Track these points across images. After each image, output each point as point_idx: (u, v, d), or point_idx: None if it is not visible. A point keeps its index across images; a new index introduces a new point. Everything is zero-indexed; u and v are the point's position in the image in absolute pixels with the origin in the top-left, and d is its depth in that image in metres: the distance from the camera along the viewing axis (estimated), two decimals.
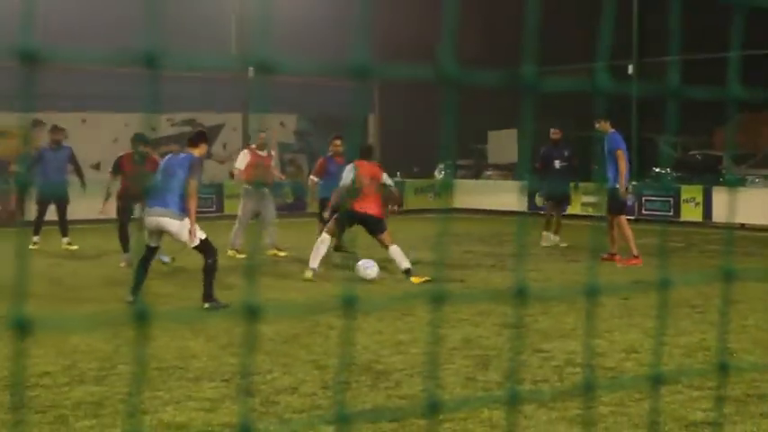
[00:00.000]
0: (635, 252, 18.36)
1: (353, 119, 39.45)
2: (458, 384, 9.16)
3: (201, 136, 14.58)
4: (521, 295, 1.60)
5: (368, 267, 16.95)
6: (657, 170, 39.30)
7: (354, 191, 16.51)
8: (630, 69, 36.59)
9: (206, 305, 12.94)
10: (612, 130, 19.22)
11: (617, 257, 18.57)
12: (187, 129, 36.22)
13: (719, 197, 29.25)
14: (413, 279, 15.99)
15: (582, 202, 30.97)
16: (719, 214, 28.88)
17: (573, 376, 9.49)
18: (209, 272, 13.13)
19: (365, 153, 17.80)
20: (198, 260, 13.61)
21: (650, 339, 11.19)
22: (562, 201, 23.27)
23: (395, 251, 16.38)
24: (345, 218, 16.66)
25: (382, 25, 36.50)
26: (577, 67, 33.68)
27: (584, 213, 30.48)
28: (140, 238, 15.28)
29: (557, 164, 22.97)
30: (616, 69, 36.29)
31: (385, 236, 16.59)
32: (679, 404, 8.31)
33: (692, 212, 29.97)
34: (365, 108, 40.62)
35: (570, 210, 25.70)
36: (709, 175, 35.51)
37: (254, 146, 21.16)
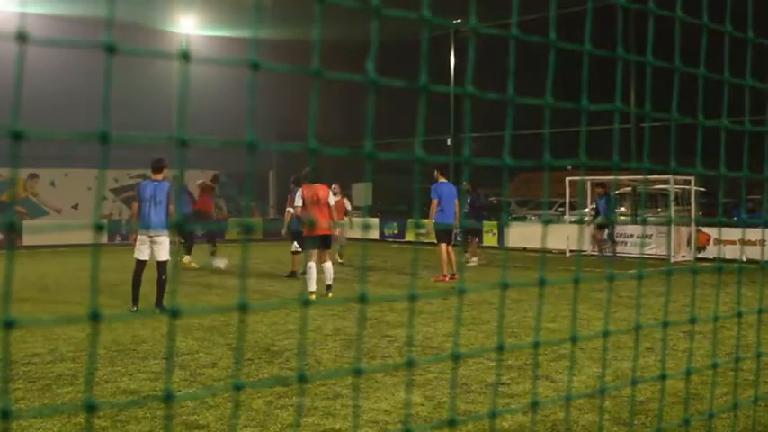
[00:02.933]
0: (444, 271, 17.91)
1: (257, 174, 39.26)
2: (329, 360, 9.13)
3: (161, 162, 13.17)
4: (363, 301, 1.59)
5: (217, 262, 17.30)
6: (465, 210, 39.96)
7: (310, 220, 14.87)
8: (449, 141, 37.21)
9: (158, 309, 12.47)
10: (441, 181, 18.45)
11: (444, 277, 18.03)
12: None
13: (510, 230, 29.77)
14: (330, 294, 14.33)
15: (416, 233, 31.26)
16: (510, 240, 29.39)
17: (410, 353, 9.54)
18: (164, 284, 12.78)
19: (307, 177, 15.03)
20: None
21: (463, 327, 11.31)
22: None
23: (328, 267, 14.47)
24: (310, 242, 15.24)
25: (278, 110, 36.49)
26: (408, 140, 34.26)
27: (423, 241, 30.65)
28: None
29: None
30: (439, 142, 36.88)
31: (330, 253, 14.94)
32: (481, 371, 8.41)
33: (490, 240, 30.42)
34: (267, 165, 40.50)
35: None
36: (501, 214, 36.12)
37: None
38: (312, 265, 14.06)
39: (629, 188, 30.59)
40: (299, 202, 14.93)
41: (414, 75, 1.70)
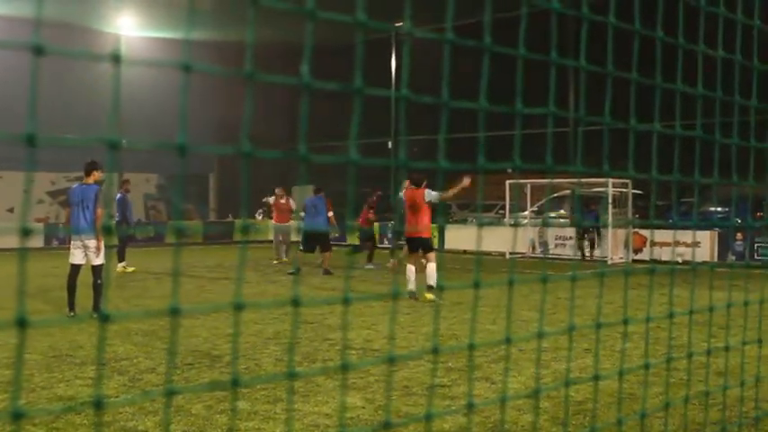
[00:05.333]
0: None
1: (197, 178, 38.98)
2: (270, 364, 9.09)
3: (92, 165, 12.82)
4: (295, 304, 1.58)
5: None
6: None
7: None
8: (390, 144, 37.29)
9: (95, 314, 12.20)
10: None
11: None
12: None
13: (450, 232, 29.96)
14: (428, 295, 14.14)
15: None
16: (450, 243, 29.56)
17: (351, 356, 9.54)
18: (99, 288, 12.52)
19: (413, 180, 14.92)
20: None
21: (403, 330, 11.34)
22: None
23: (431, 268, 14.18)
24: (409, 245, 15.46)
25: (217, 112, 36.22)
26: (342, 143, 34.34)
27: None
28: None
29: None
30: (380, 145, 36.95)
31: (430, 255, 14.56)
32: (422, 373, 8.43)
33: (433, 242, 30.53)
34: (207, 168, 40.22)
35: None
36: (443, 216, 36.27)
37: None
38: (412, 267, 14.50)
39: (569, 191, 30.92)
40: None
41: (363, 77, 1.70)
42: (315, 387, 7.82)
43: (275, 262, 23.18)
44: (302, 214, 20.71)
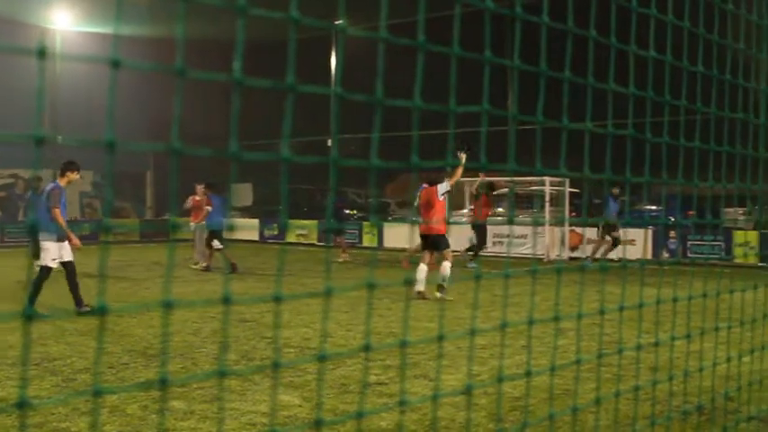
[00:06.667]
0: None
1: (134, 175, 38.55)
2: (207, 363, 9.02)
3: (67, 166, 12.58)
4: (226, 303, 1.58)
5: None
6: (348, 212, 40.16)
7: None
8: (329, 143, 37.28)
9: (80, 310, 12.02)
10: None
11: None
12: (11, 180, 35.34)
13: (389, 230, 30.08)
14: (438, 294, 14.18)
15: (297, 233, 31.35)
16: (389, 241, 29.67)
17: (288, 354, 9.51)
18: (75, 285, 12.35)
19: (429, 180, 15.14)
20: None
21: (341, 328, 11.34)
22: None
23: (445, 266, 14.17)
24: (423, 242, 15.21)
25: (153, 109, 35.81)
26: (275, 141, 34.20)
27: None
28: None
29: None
30: (321, 142, 36.94)
31: (446, 253, 14.56)
32: (360, 371, 8.44)
33: (371, 240, 30.60)
34: (144, 166, 39.78)
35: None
36: (382, 214, 36.43)
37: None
38: (424, 267, 14.33)
39: (507, 189, 31.19)
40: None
41: (304, 74, 1.69)
42: (252, 386, 7.78)
43: (193, 266, 21.36)
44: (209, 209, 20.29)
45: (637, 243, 24.57)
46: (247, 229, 32.73)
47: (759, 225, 24.22)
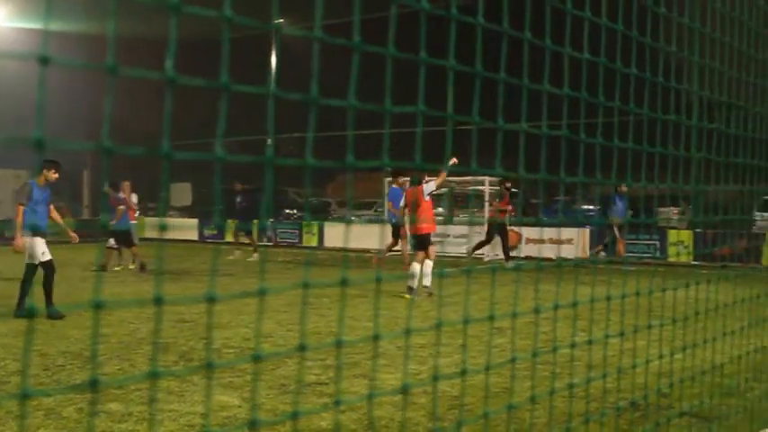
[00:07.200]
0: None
1: (70, 173, 37.89)
2: (144, 364, 8.91)
3: (45, 164, 12.35)
4: (158, 303, 1.56)
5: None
6: (287, 211, 40.04)
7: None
8: (269, 142, 37.12)
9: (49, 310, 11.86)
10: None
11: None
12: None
13: (329, 230, 30.03)
14: (418, 295, 14.42)
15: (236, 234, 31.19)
16: (330, 241, 29.64)
17: (228, 355, 9.44)
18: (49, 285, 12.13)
19: (412, 180, 15.82)
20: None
21: (282, 327, 11.30)
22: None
23: (428, 265, 14.54)
24: (412, 241, 15.47)
25: (89, 108, 35.28)
26: (228, 140, 33.96)
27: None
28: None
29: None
30: (257, 142, 36.74)
31: (429, 252, 14.84)
32: (299, 371, 8.41)
33: (311, 240, 30.54)
34: (80, 165, 39.20)
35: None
36: (322, 214, 36.38)
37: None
38: (416, 266, 14.40)
39: (447, 189, 31.34)
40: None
41: (244, 73, 1.68)
42: (191, 386, 7.71)
43: (117, 268, 20.72)
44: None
45: (575, 242, 24.89)
46: (187, 228, 32.47)
47: (692, 224, 24.53)
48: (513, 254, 25.40)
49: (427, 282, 14.47)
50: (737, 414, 4.86)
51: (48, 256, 12.08)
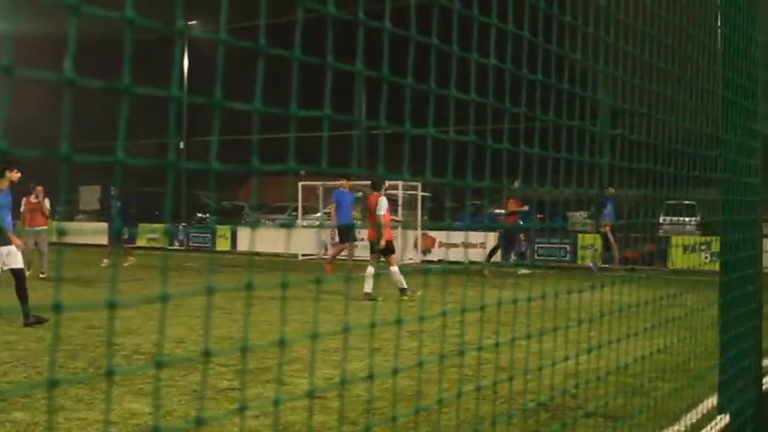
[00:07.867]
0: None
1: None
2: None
3: (6, 166, 11.98)
4: (111, 307, 1.53)
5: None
6: (200, 215, 39.66)
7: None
8: (182, 145, 36.71)
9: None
10: None
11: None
12: None
13: (242, 234, 29.82)
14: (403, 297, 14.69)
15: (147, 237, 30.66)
16: (242, 245, 29.43)
17: (137, 361, 9.30)
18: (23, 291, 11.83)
19: (373, 186, 15.91)
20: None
21: (194, 333, 11.17)
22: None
23: (394, 271, 15.03)
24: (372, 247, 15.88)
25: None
26: (130, 142, 33.39)
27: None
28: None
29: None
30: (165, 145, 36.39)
31: (393, 257, 15.38)
32: (212, 377, 8.32)
33: (224, 244, 30.28)
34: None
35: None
36: (235, 218, 36.10)
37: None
38: (371, 269, 14.83)
39: (361, 193, 31.41)
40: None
41: (156, 75, 1.65)
42: (100, 394, 7.56)
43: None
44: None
45: (488, 246, 25.19)
46: (98, 232, 31.85)
47: (597, 228, 24.88)
48: (426, 258, 25.60)
49: (403, 284, 14.74)
50: (642, 413, 4.97)
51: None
